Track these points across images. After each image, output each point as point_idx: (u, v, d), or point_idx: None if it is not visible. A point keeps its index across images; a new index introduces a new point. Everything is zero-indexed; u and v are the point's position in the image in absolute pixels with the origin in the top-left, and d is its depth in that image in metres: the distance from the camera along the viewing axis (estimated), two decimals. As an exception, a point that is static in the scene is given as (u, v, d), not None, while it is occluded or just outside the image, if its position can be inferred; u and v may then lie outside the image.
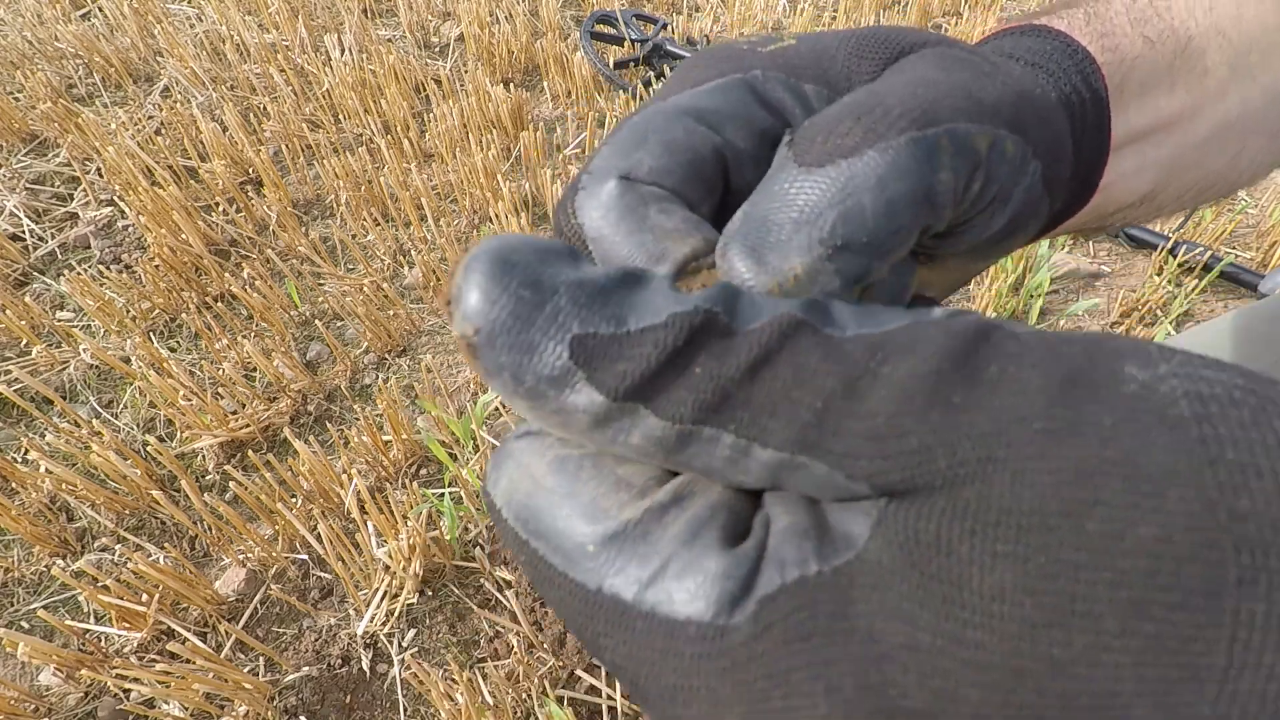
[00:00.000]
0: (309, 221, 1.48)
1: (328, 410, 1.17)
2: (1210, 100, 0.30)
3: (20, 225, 1.43)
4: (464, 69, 1.82)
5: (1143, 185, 0.30)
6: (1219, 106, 0.30)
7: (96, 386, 1.20)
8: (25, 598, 0.97)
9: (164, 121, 1.64)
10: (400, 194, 1.39)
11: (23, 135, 1.62)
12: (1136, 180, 0.30)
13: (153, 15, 1.92)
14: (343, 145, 1.62)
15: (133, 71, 1.81)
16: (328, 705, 0.87)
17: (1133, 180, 0.29)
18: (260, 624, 0.94)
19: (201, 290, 1.31)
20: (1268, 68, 0.31)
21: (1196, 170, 0.31)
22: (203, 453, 1.09)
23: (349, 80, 1.66)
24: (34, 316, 1.25)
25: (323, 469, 0.99)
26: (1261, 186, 1.60)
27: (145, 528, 1.03)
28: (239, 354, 1.18)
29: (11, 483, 1.04)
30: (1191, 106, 0.29)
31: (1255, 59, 0.30)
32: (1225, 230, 1.41)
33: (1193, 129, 0.30)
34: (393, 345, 1.24)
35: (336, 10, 1.99)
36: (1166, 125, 0.29)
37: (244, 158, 1.53)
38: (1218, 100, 0.30)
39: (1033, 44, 0.25)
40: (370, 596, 0.93)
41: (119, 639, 0.92)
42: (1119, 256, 1.44)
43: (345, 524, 1.01)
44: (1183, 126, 0.30)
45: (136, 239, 1.41)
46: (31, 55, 1.82)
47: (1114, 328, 1.30)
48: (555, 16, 1.93)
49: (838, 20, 1.93)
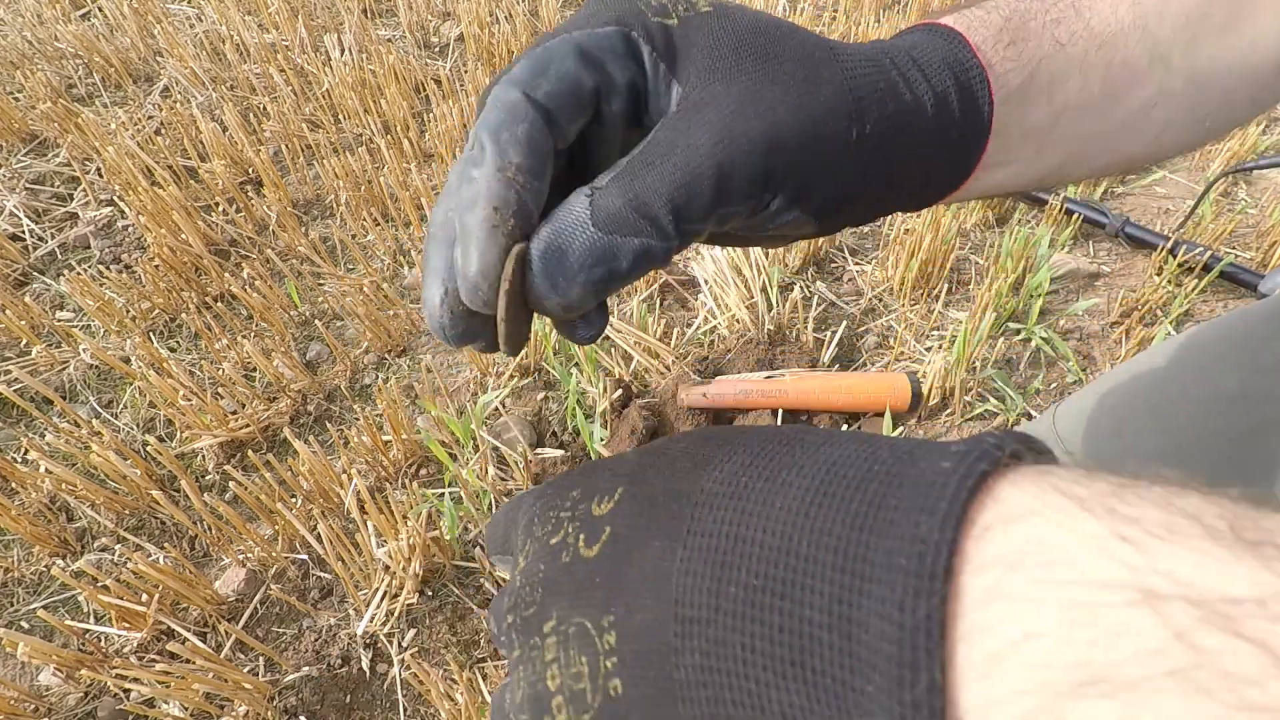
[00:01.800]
0: (309, 221, 1.48)
1: (328, 410, 1.17)
2: (1128, 89, 0.32)
3: (20, 225, 1.43)
4: (464, 69, 1.82)
5: (1051, 161, 0.33)
6: (1137, 94, 0.32)
7: (96, 386, 1.20)
8: (25, 598, 0.97)
9: (164, 121, 1.64)
10: (400, 194, 1.39)
11: (23, 135, 1.62)
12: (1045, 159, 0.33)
13: (153, 15, 1.92)
14: (343, 145, 1.62)
15: (133, 71, 1.81)
16: (328, 705, 0.87)
17: (1038, 162, 0.33)
18: (260, 624, 0.94)
19: (201, 290, 1.31)
20: (1188, 56, 0.32)
21: (1112, 153, 0.34)
22: (203, 453, 1.09)
23: (349, 80, 1.66)
24: (34, 316, 1.25)
25: (323, 469, 0.99)
26: (1261, 187, 1.60)
27: (145, 528, 1.03)
28: (239, 354, 1.18)
29: (11, 483, 1.04)
30: (1107, 96, 0.32)
31: (1176, 49, 0.32)
32: (1225, 230, 1.41)
33: (1108, 115, 0.32)
34: (393, 345, 1.24)
35: (336, 10, 1.99)
36: (1076, 114, 0.32)
37: (244, 158, 1.53)
38: (1136, 89, 0.32)
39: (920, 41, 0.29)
40: (370, 596, 0.93)
41: (119, 639, 0.92)
42: (1119, 256, 1.44)
43: (345, 524, 1.01)
44: (1095, 114, 0.32)
45: (136, 239, 1.41)
46: (31, 55, 1.82)
47: (1114, 327, 1.30)
48: (555, 16, 1.93)
49: (838, 20, 1.93)
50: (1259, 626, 0.12)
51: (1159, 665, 0.13)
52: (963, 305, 1.33)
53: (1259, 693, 0.12)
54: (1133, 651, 0.13)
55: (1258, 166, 1.30)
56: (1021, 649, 0.14)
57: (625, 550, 0.22)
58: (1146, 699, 0.13)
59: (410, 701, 0.88)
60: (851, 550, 0.17)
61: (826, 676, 0.17)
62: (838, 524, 0.18)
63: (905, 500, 0.18)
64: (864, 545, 0.17)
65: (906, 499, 0.18)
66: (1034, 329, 1.25)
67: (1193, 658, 0.13)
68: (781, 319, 1.25)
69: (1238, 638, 0.12)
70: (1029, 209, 1.52)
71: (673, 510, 0.21)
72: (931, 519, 0.16)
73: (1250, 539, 0.14)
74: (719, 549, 0.20)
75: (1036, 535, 0.15)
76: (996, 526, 0.16)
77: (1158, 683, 0.13)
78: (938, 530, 0.16)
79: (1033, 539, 0.15)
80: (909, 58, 0.28)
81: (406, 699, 0.88)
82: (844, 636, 0.17)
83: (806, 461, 0.20)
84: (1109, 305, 1.34)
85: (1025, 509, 0.16)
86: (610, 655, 0.21)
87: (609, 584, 0.22)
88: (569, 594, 0.22)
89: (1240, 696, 0.12)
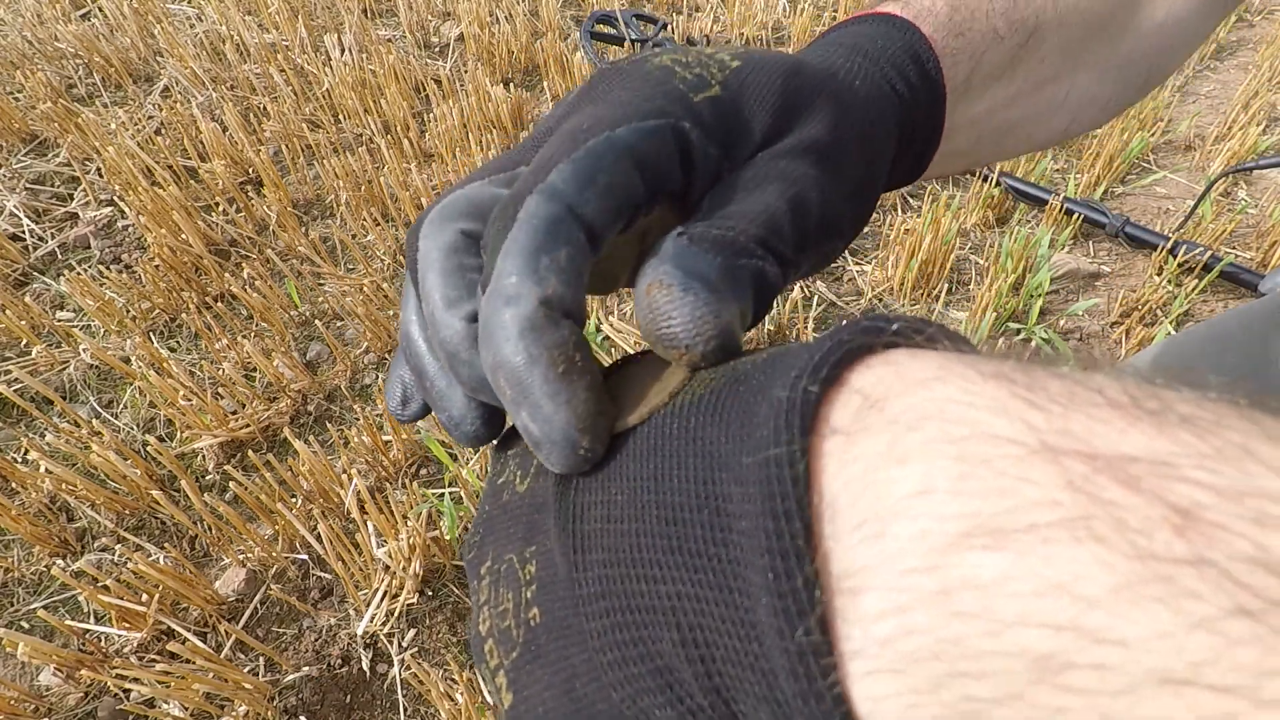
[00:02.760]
0: (309, 221, 1.48)
1: (328, 410, 1.17)
2: (1044, 83, 0.34)
3: (20, 225, 1.43)
4: (464, 69, 1.82)
5: (984, 150, 0.34)
6: (1051, 88, 0.34)
7: (96, 386, 1.20)
8: (25, 598, 0.97)
9: (164, 121, 1.64)
10: (400, 194, 1.39)
11: (23, 135, 1.62)
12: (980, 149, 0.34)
13: (153, 15, 1.92)
14: (343, 145, 1.62)
15: (133, 71, 1.81)
16: (328, 705, 0.87)
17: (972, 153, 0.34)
18: (260, 624, 0.94)
19: (201, 290, 1.31)
20: (1095, 51, 0.35)
21: (1024, 141, 0.36)
22: (203, 453, 1.09)
23: (349, 80, 1.66)
24: (34, 316, 1.25)
25: (323, 469, 0.99)
26: (1261, 187, 1.60)
27: (145, 528, 1.03)
28: (239, 354, 1.18)
29: (11, 483, 1.04)
30: (1028, 89, 0.33)
31: (1086, 45, 0.34)
32: (1225, 230, 1.41)
33: (1025, 105, 0.34)
34: (393, 345, 1.24)
35: (336, 10, 1.99)
36: (1004, 107, 0.33)
37: (244, 158, 1.53)
38: (1051, 84, 0.34)
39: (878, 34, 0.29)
40: (370, 596, 0.93)
41: (119, 639, 0.92)
42: (1119, 256, 1.44)
43: (345, 524, 1.01)
44: (1016, 107, 0.33)
45: (136, 239, 1.41)
46: (31, 55, 1.82)
47: (1114, 327, 1.30)
48: (555, 16, 1.93)
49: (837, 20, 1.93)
50: (1157, 484, 0.12)
51: (1052, 515, 0.13)
52: (963, 305, 1.33)
53: (1155, 544, 0.12)
54: (1026, 502, 0.13)
55: (1258, 166, 1.30)
56: (912, 505, 0.14)
57: (546, 479, 0.22)
58: (1037, 548, 0.12)
59: (410, 701, 0.88)
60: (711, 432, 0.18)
61: (702, 557, 0.17)
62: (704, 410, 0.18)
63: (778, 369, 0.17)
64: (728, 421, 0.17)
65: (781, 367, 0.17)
66: (1034, 329, 1.25)
67: (1088, 509, 0.12)
68: (781, 319, 1.25)
69: (1135, 492, 0.12)
70: (1029, 209, 1.52)
71: None
72: (797, 380, 0.16)
73: (1151, 408, 0.14)
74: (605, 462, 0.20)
75: (938, 397, 0.15)
76: (895, 394, 0.16)
77: (1050, 532, 0.12)
78: (804, 385, 0.16)
79: (934, 399, 0.15)
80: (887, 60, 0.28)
81: (406, 699, 0.88)
82: (713, 513, 0.17)
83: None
84: (1109, 305, 1.34)
85: (926, 375, 0.16)
86: (530, 585, 0.21)
87: (532, 514, 0.22)
88: (502, 530, 0.23)
89: (1136, 546, 0.12)
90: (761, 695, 0.16)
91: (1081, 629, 0.12)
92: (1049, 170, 1.62)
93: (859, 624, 0.14)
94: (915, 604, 0.13)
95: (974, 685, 0.13)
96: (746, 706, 0.16)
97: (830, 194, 0.23)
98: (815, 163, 0.23)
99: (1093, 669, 0.12)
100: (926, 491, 0.14)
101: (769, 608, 0.15)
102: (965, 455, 0.14)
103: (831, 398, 0.16)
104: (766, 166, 0.23)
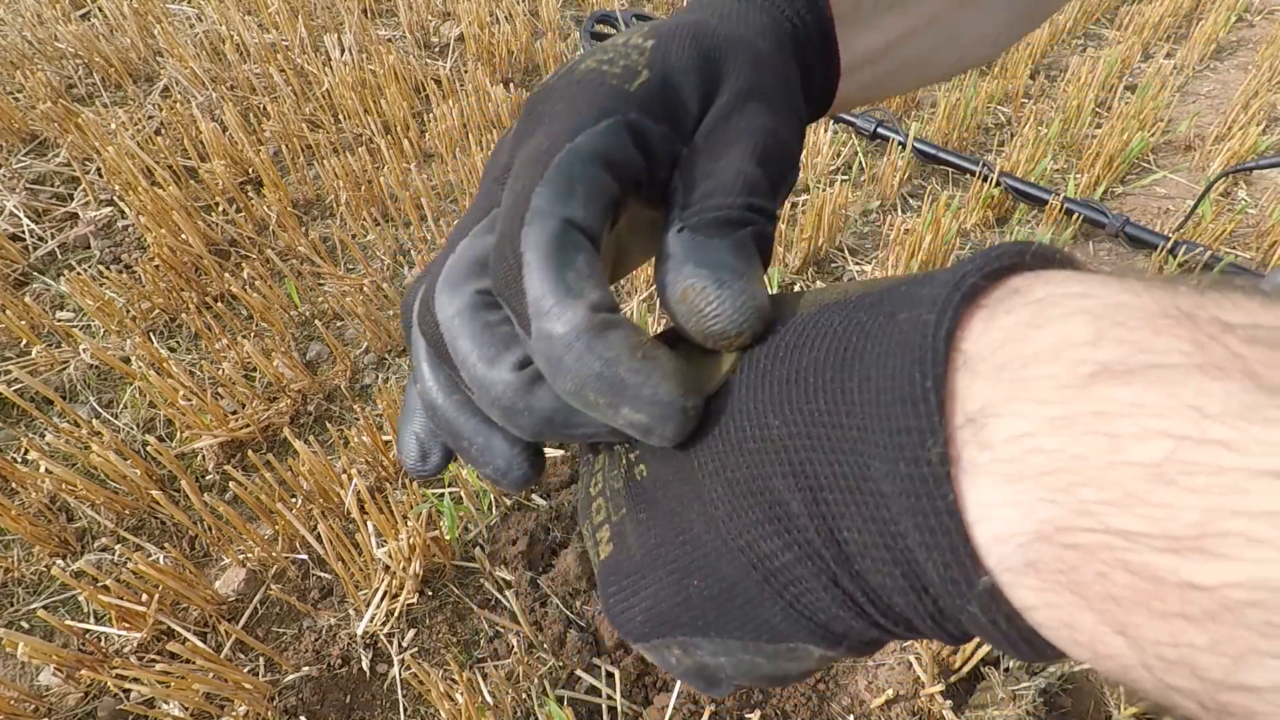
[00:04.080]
0: (309, 221, 1.48)
1: (328, 410, 1.17)
2: (937, 16, 0.35)
3: (20, 225, 1.43)
4: (464, 69, 1.82)
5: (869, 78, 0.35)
6: (948, 23, 0.35)
7: (96, 386, 1.20)
8: (25, 598, 0.97)
9: (164, 121, 1.64)
10: (400, 194, 1.39)
11: (23, 135, 1.62)
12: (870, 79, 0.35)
13: (153, 15, 1.92)
14: (343, 145, 1.62)
15: (133, 71, 1.81)
16: (328, 705, 0.87)
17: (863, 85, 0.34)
18: (260, 624, 0.94)
19: (201, 290, 1.31)
20: None
21: (924, 70, 0.37)
22: (203, 453, 1.09)
23: (349, 80, 1.66)
24: (34, 316, 1.25)
25: (323, 469, 0.99)
26: (1261, 187, 1.60)
27: (145, 528, 1.03)
28: (239, 354, 1.18)
29: (11, 483, 1.04)
30: (922, 24, 0.34)
31: None
32: (1225, 230, 1.41)
33: (923, 40, 0.35)
34: (392, 345, 1.24)
35: (336, 10, 1.99)
36: (899, 41, 0.34)
37: (244, 158, 1.53)
38: (945, 18, 0.35)
39: None
40: (370, 596, 0.93)
41: (119, 639, 0.92)
42: (1119, 256, 1.44)
43: (345, 524, 1.01)
44: (913, 39, 0.34)
45: (136, 239, 1.41)
46: (31, 55, 1.82)
47: (1114, 328, 1.30)
48: (555, 16, 1.93)
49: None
50: None
51: (1181, 359, 0.14)
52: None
53: (1277, 378, 0.13)
54: (1157, 350, 0.14)
55: (1258, 166, 1.30)
56: (1048, 354, 0.16)
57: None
58: (1165, 380, 0.14)
59: (410, 701, 0.88)
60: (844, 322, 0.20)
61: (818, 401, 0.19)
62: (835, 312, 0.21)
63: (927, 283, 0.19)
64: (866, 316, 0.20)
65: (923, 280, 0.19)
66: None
67: (1215, 355, 0.14)
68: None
69: (1265, 348, 0.13)
70: (1029, 209, 1.52)
71: None
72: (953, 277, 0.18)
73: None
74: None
75: (1075, 291, 0.17)
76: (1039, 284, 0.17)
77: (1177, 372, 0.14)
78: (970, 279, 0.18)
79: (1071, 292, 0.17)
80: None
81: (406, 699, 0.88)
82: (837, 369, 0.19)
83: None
84: (1109, 305, 1.34)
85: (1066, 275, 0.17)
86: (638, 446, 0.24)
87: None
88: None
89: (1259, 380, 0.13)
90: (869, 516, 0.17)
91: (1203, 438, 0.13)
92: (1049, 170, 1.62)
93: (985, 448, 0.16)
94: (1044, 429, 0.15)
95: (1092, 491, 0.14)
96: (851, 532, 0.18)
97: (781, 133, 0.25)
98: (758, 112, 0.25)
99: (1207, 471, 0.13)
100: (1063, 344, 0.16)
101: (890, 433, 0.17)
102: (1101, 317, 0.15)
103: (987, 291, 0.18)
104: (720, 131, 0.25)
